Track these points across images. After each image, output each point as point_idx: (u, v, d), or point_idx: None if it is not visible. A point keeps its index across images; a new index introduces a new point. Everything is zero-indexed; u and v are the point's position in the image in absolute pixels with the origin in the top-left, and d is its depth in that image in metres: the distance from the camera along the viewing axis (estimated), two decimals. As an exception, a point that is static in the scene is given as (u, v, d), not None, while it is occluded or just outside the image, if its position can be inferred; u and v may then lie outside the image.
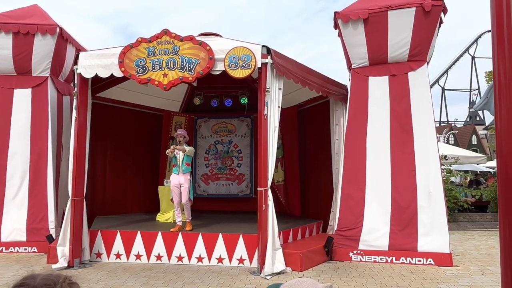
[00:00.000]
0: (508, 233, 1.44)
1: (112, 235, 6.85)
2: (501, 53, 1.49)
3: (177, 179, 7.18)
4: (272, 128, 6.23)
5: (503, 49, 1.48)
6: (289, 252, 6.26)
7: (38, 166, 7.76)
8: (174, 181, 7.21)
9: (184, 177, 7.15)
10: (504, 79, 1.48)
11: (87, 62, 6.62)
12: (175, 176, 7.23)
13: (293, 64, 6.76)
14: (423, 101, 7.17)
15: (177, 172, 7.21)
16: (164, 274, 5.96)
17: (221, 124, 10.54)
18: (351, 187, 7.22)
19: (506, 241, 1.46)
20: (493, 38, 1.52)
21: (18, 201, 7.65)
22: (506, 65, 1.47)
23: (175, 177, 7.23)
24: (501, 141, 1.48)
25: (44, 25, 7.84)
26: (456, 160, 13.46)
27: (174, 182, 7.21)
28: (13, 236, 7.49)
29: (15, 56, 7.84)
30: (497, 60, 1.50)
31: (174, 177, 7.24)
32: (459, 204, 11.29)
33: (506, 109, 1.47)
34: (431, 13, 6.92)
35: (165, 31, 6.40)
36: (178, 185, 7.15)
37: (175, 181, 7.20)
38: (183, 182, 7.12)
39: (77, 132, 6.63)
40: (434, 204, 6.80)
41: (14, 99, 7.95)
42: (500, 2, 1.50)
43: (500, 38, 1.49)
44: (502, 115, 1.48)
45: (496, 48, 1.51)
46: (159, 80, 6.36)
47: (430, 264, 6.58)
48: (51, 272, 1.23)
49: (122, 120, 9.26)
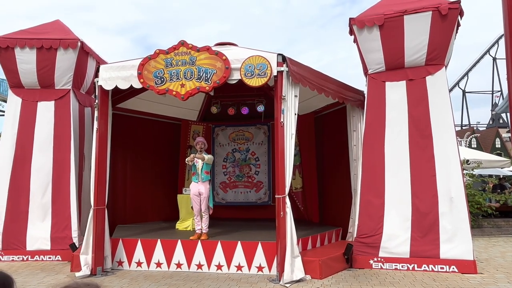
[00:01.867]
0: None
1: (133, 243, 6.96)
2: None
3: (196, 188, 7.25)
4: (289, 135, 6.25)
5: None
6: (308, 260, 6.23)
7: (61, 176, 7.97)
8: (194, 190, 7.27)
9: (204, 186, 7.21)
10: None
11: (107, 75, 6.81)
12: (194, 185, 7.30)
13: (308, 71, 6.78)
14: (442, 105, 7.07)
15: (196, 180, 7.28)
16: (184, 282, 6.01)
17: (238, 132, 10.61)
18: (370, 194, 7.15)
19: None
20: (506, 42, 1.52)
21: (42, 211, 7.86)
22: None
23: (194, 185, 7.29)
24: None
25: (66, 39, 8.10)
26: (479, 164, 13.16)
27: (193, 191, 7.27)
28: (37, 245, 7.69)
29: (38, 70, 8.12)
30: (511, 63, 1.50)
31: (194, 186, 7.30)
32: (483, 210, 11.01)
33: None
34: (448, 16, 6.85)
35: (182, 42, 6.53)
36: (198, 193, 7.21)
37: (194, 190, 7.26)
38: (203, 191, 7.18)
39: (99, 143, 6.80)
40: (456, 210, 6.67)
41: (38, 111, 8.22)
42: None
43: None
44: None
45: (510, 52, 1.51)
46: (177, 90, 6.48)
47: (453, 271, 6.44)
48: (86, 282, 1.36)
49: (142, 129, 9.44)
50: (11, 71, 8.20)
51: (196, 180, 7.29)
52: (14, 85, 8.33)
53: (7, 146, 8.07)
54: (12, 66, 8.12)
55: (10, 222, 7.75)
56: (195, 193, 7.24)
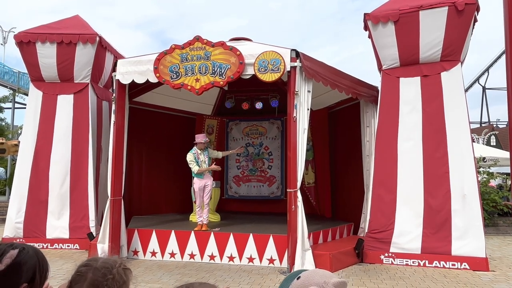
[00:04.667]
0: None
1: (148, 233, 7.15)
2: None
3: (202, 182, 7.39)
4: (302, 130, 6.31)
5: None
6: (318, 253, 6.30)
7: (79, 168, 8.22)
8: (199, 184, 7.39)
9: (209, 179, 7.47)
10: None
11: (124, 69, 6.97)
12: (200, 180, 7.40)
13: (322, 66, 6.81)
14: (457, 102, 7.01)
15: (201, 176, 7.41)
16: (196, 272, 6.17)
17: (252, 126, 10.71)
18: (382, 189, 7.16)
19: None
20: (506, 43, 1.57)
21: (60, 201, 8.12)
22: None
23: (200, 181, 7.40)
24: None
25: (85, 34, 8.31)
26: (496, 162, 12.96)
27: (199, 185, 7.39)
28: (56, 234, 7.97)
29: (58, 64, 8.35)
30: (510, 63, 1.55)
31: (199, 181, 7.41)
32: (499, 208, 10.87)
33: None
34: (464, 11, 6.77)
35: (197, 38, 6.64)
36: (203, 187, 7.39)
37: (200, 184, 7.39)
38: (209, 183, 7.42)
39: (116, 135, 6.99)
40: (469, 207, 6.63)
41: (58, 104, 8.47)
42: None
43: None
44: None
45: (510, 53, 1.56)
46: (192, 85, 6.60)
47: (465, 268, 6.42)
48: (110, 257, 1.46)
49: (157, 123, 9.62)
50: (32, 65, 8.46)
51: (201, 176, 7.41)
52: (35, 78, 8.60)
53: (29, 137, 8.35)
54: (34, 60, 8.37)
55: (31, 211, 8.04)
56: (200, 187, 7.38)
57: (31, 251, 1.46)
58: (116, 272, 1.38)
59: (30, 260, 1.42)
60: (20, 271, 1.38)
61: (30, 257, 1.43)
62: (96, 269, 1.39)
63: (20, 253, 1.41)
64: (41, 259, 1.47)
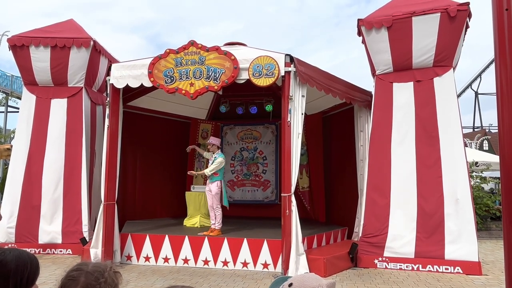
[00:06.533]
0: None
1: (142, 238, 7.11)
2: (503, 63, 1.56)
3: (208, 185, 7.54)
4: (296, 134, 6.33)
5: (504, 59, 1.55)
6: (313, 258, 6.31)
7: (72, 172, 8.16)
8: (207, 187, 7.58)
9: (211, 185, 7.45)
10: (506, 88, 1.55)
11: (118, 73, 6.96)
12: (207, 183, 7.62)
13: (316, 71, 6.86)
14: (449, 107, 7.08)
15: (208, 180, 7.61)
16: (190, 277, 6.14)
17: (246, 131, 10.72)
18: (376, 194, 7.20)
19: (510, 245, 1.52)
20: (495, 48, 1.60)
21: (53, 205, 8.05)
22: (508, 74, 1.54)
23: (207, 183, 7.62)
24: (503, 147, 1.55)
25: (79, 38, 8.29)
26: (488, 166, 13.06)
27: (206, 188, 7.58)
28: (49, 239, 7.90)
29: (52, 68, 8.32)
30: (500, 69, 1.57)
31: (207, 183, 7.63)
32: (492, 212, 10.95)
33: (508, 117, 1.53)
34: (456, 18, 6.86)
35: (192, 42, 6.65)
36: (209, 190, 7.46)
37: (207, 187, 7.56)
38: (210, 189, 7.43)
39: (109, 140, 6.97)
40: (462, 211, 6.68)
41: (51, 108, 8.42)
42: (501, 14, 1.57)
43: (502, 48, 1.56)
44: (504, 123, 1.55)
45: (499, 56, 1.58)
46: (186, 89, 6.60)
47: (458, 272, 6.46)
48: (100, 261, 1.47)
49: (152, 127, 9.60)
50: (26, 69, 8.42)
51: (208, 179, 7.59)
52: (28, 82, 8.55)
53: (22, 141, 8.29)
54: (27, 64, 8.33)
55: (23, 216, 7.96)
56: (207, 189, 7.52)
57: (10, 257, 1.36)
58: (108, 276, 1.40)
59: (3, 268, 1.33)
60: None
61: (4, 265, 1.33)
62: (88, 273, 1.39)
63: None
64: (21, 265, 1.36)
